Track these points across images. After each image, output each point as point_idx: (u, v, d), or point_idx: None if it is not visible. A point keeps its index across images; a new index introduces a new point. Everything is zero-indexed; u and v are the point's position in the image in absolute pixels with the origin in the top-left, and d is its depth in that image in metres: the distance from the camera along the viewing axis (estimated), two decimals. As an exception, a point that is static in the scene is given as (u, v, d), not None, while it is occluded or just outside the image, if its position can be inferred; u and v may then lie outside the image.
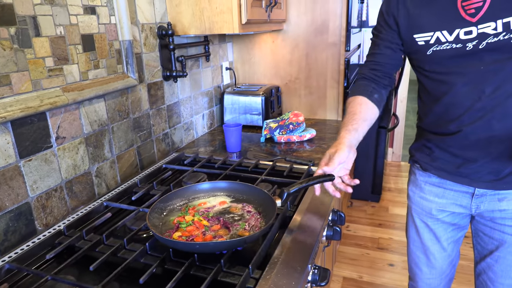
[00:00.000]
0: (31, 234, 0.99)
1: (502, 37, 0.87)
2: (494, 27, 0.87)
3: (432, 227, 1.19)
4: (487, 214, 1.07)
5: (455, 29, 0.92)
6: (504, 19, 0.85)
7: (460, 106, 0.99)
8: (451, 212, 1.14)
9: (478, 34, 0.89)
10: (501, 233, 1.06)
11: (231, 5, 1.36)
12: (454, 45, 0.93)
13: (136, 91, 1.34)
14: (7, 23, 0.88)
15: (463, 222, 1.17)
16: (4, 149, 0.90)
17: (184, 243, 0.83)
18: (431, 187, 1.16)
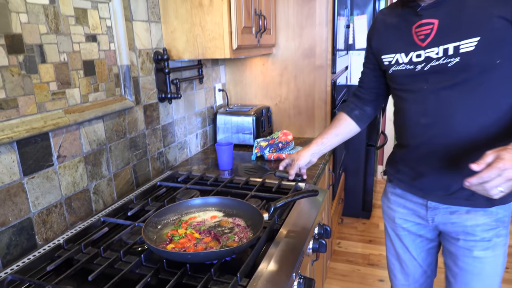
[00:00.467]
0: (32, 248, 1.04)
1: (442, 61, 0.98)
2: (436, 52, 0.99)
3: (401, 236, 1.27)
4: (442, 226, 1.14)
5: (410, 52, 1.05)
6: (444, 45, 0.97)
7: (409, 121, 1.11)
8: (416, 223, 1.22)
9: (425, 57, 1.02)
10: (456, 247, 1.12)
11: (223, 32, 1.46)
12: (408, 66, 1.06)
13: (133, 112, 1.42)
14: (17, 51, 0.96)
15: (430, 235, 1.23)
16: (10, 167, 0.97)
17: (177, 253, 0.89)
18: (395, 197, 1.25)
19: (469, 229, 1.08)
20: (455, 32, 0.97)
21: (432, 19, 1.01)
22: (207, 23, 1.46)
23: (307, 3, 1.96)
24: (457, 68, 0.96)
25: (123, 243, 1.08)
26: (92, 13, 1.19)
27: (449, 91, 0.99)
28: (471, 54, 0.94)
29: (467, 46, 0.94)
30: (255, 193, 1.32)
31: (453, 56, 0.96)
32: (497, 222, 1.06)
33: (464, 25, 0.95)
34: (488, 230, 1.06)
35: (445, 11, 0.99)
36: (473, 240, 1.08)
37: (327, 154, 1.83)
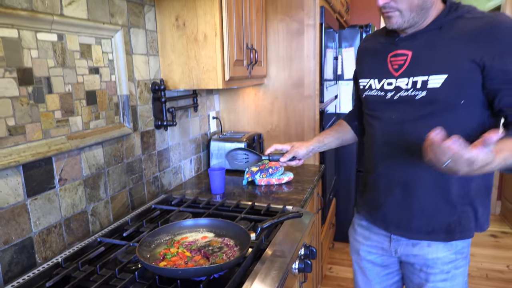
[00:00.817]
0: (31, 266, 1.10)
1: (410, 92, 1.04)
2: (406, 83, 1.05)
3: (365, 269, 1.29)
4: (405, 258, 1.18)
5: (382, 79, 1.11)
6: (414, 78, 1.03)
7: (374, 149, 1.17)
8: (380, 255, 1.25)
9: (395, 86, 1.08)
10: (418, 277, 1.17)
11: (216, 65, 1.58)
12: (379, 92, 1.12)
13: (130, 138, 1.51)
14: (27, 83, 1.06)
15: (393, 267, 1.26)
16: (15, 188, 1.05)
17: (168, 269, 0.96)
18: (361, 229, 1.29)
19: (430, 262, 1.12)
20: (425, 67, 1.02)
21: (407, 50, 1.06)
22: (201, 56, 1.58)
23: (296, 38, 2.10)
24: (423, 101, 1.02)
25: (118, 261, 1.14)
26: (95, 48, 1.30)
27: (413, 124, 1.04)
28: (437, 90, 0.99)
29: (434, 81, 1.00)
30: (245, 215, 1.39)
31: (421, 90, 1.02)
32: (456, 254, 1.11)
33: (434, 61, 1.01)
34: (448, 263, 1.11)
35: (420, 44, 1.04)
36: (433, 272, 1.12)
37: (315, 179, 1.91)
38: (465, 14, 1.01)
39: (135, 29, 1.50)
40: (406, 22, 1.01)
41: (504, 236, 3.23)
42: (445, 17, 1.02)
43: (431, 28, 1.03)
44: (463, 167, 0.79)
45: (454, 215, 1.08)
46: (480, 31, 0.95)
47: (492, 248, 3.02)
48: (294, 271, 1.24)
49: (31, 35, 1.06)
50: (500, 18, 0.96)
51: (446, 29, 1.01)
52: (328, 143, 1.40)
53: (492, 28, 0.94)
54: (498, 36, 0.93)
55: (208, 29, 1.54)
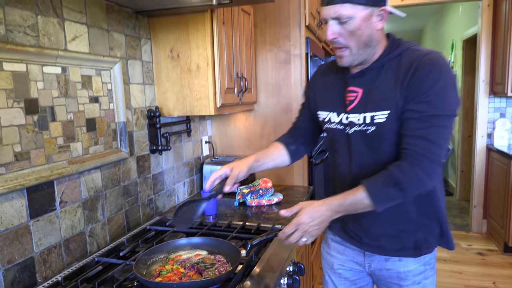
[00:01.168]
0: (32, 285, 1.16)
1: (362, 127, 1.12)
2: (358, 119, 1.13)
3: (336, 283, 1.35)
4: (378, 272, 1.25)
5: (341, 113, 1.18)
6: (364, 113, 1.11)
7: (338, 173, 1.27)
8: (350, 268, 1.31)
9: (349, 121, 1.16)
10: None
11: (208, 93, 1.68)
12: (338, 126, 1.20)
13: (127, 162, 1.59)
14: (33, 112, 1.15)
15: (364, 282, 1.33)
16: (19, 210, 1.12)
17: (163, 284, 1.03)
18: (335, 244, 1.35)
19: (402, 274, 1.21)
20: (373, 103, 1.09)
21: (357, 87, 1.13)
22: (194, 85, 1.69)
23: (284, 66, 2.23)
24: (373, 135, 1.10)
25: (115, 279, 1.20)
26: (96, 79, 1.40)
27: (368, 155, 1.13)
28: (383, 124, 1.07)
29: (380, 117, 1.08)
30: (236, 234, 1.46)
31: (370, 125, 1.10)
32: (425, 266, 1.21)
33: (379, 98, 1.08)
34: (418, 274, 1.20)
35: (368, 82, 1.12)
36: (406, 284, 1.21)
37: (304, 199, 1.99)
38: (402, 52, 1.09)
39: (132, 60, 1.61)
40: (356, 60, 1.09)
41: (490, 253, 3.31)
42: (387, 56, 1.10)
43: (375, 66, 1.11)
44: (314, 232, 1.06)
45: (420, 233, 1.17)
46: (407, 70, 1.04)
47: (479, 266, 3.09)
48: (283, 286, 1.30)
49: (38, 69, 1.16)
50: (427, 58, 1.03)
51: (387, 67, 1.09)
52: (264, 164, 1.34)
53: (416, 69, 1.03)
54: (417, 77, 1.02)
55: (200, 60, 1.66)
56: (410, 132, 1.03)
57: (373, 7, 1.03)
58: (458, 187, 4.87)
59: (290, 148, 1.38)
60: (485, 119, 3.67)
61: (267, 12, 2.23)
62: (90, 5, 1.36)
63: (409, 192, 1.03)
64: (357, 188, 1.06)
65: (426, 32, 7.27)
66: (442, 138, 1.02)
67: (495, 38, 3.52)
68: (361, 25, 1.03)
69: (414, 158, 1.02)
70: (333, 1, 1.02)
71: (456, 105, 1.04)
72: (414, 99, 1.03)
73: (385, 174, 1.04)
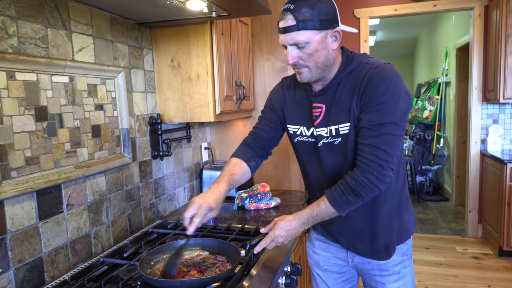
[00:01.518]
0: (41, 284, 1.21)
1: (330, 139, 1.21)
2: (325, 132, 1.21)
3: (323, 278, 1.44)
4: (361, 266, 1.35)
5: (310, 127, 1.25)
6: (330, 127, 1.19)
7: (312, 181, 1.35)
8: (335, 264, 1.41)
9: (317, 134, 1.23)
10: (375, 282, 1.34)
11: (208, 101, 1.75)
12: (310, 139, 1.27)
13: (130, 167, 1.65)
14: (42, 119, 1.21)
15: (349, 274, 1.42)
16: (29, 212, 1.17)
17: (167, 281, 1.08)
18: (319, 242, 1.44)
19: (383, 266, 1.31)
20: (336, 117, 1.18)
21: (321, 103, 1.21)
22: (194, 93, 1.76)
23: (280, 74, 2.30)
24: (341, 146, 1.19)
25: (119, 279, 1.25)
26: (101, 88, 1.47)
27: (336, 163, 1.22)
28: (347, 135, 1.17)
29: (344, 129, 1.17)
30: (235, 236, 1.52)
31: (336, 136, 1.19)
32: (403, 256, 1.31)
33: (339, 112, 1.17)
34: (397, 264, 1.31)
35: (329, 98, 1.20)
36: (387, 274, 1.31)
37: (301, 203, 2.05)
38: (356, 67, 1.17)
39: (135, 69, 1.68)
40: (314, 77, 1.17)
41: (486, 257, 3.36)
42: (343, 72, 1.18)
43: (333, 83, 1.19)
44: (286, 241, 1.22)
45: (390, 237, 1.28)
46: (360, 83, 1.12)
47: (474, 269, 3.14)
48: (281, 286, 1.36)
49: (47, 78, 1.23)
50: (377, 71, 1.11)
51: (344, 82, 1.18)
52: (234, 185, 1.31)
53: (367, 82, 1.11)
54: (369, 88, 1.10)
55: (200, 69, 1.73)
56: (362, 140, 1.13)
57: (327, 30, 1.11)
58: (454, 192, 4.94)
59: (251, 164, 1.37)
60: (479, 126, 3.75)
61: (263, 23, 2.31)
62: (96, 17, 1.44)
63: (365, 196, 1.13)
64: (321, 198, 1.18)
65: (420, 40, 7.40)
66: (390, 145, 1.10)
67: (487, 46, 3.62)
68: (317, 47, 1.11)
69: (365, 165, 1.11)
70: (289, 29, 1.09)
71: (404, 113, 1.12)
72: (366, 109, 1.12)
73: (342, 183, 1.15)
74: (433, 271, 3.13)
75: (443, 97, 5.49)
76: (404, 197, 1.33)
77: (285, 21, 1.09)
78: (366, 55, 1.21)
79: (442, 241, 3.79)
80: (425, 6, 3.65)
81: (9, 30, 1.10)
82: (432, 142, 5.56)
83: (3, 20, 1.08)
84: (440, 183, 5.80)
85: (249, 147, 1.41)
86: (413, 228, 1.37)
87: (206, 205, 1.18)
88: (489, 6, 3.55)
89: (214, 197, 1.21)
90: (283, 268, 1.39)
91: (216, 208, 1.21)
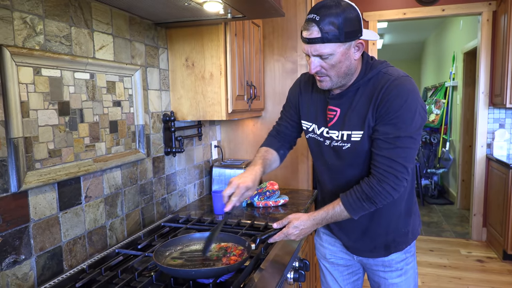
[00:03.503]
0: (59, 272, 1.26)
1: (339, 143, 1.25)
2: (337, 135, 1.25)
3: (330, 270, 1.50)
4: (365, 261, 1.40)
5: (321, 127, 1.30)
6: (342, 131, 1.23)
7: (320, 178, 1.40)
8: (341, 258, 1.46)
9: (329, 136, 1.27)
10: (378, 277, 1.39)
11: (220, 99, 1.80)
12: (319, 138, 1.32)
13: (144, 163, 1.70)
14: (64, 114, 1.27)
15: (355, 267, 1.48)
16: (51, 203, 1.23)
17: (182, 270, 1.13)
18: (327, 237, 1.50)
19: (386, 262, 1.36)
20: (349, 123, 1.21)
21: (336, 107, 1.24)
22: (208, 92, 1.81)
23: (290, 75, 2.35)
24: (349, 151, 1.23)
25: (135, 269, 1.30)
26: (118, 85, 1.52)
27: (342, 167, 1.27)
28: (358, 142, 1.20)
29: (356, 136, 1.20)
30: (245, 231, 1.56)
31: (346, 142, 1.22)
32: (406, 254, 1.36)
33: (354, 119, 1.20)
34: (400, 261, 1.36)
35: (345, 103, 1.22)
36: (390, 271, 1.36)
37: (308, 202, 2.09)
38: (374, 76, 1.19)
39: (151, 68, 1.73)
40: (335, 85, 1.20)
41: (490, 261, 3.38)
42: (361, 79, 1.20)
43: (352, 89, 1.22)
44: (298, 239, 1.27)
45: (390, 235, 1.33)
46: (377, 94, 1.15)
47: (478, 272, 3.16)
48: (289, 280, 1.40)
49: (70, 75, 1.28)
50: (395, 83, 1.13)
51: (362, 90, 1.20)
52: (267, 169, 1.38)
53: (385, 94, 1.13)
54: (386, 101, 1.13)
55: (214, 69, 1.78)
56: (378, 151, 1.17)
57: (351, 41, 1.12)
58: (459, 196, 4.95)
59: (280, 152, 1.46)
60: (485, 130, 3.76)
61: (275, 25, 2.35)
62: (116, 17, 1.49)
63: (379, 203, 1.19)
64: (336, 202, 1.23)
65: (428, 44, 7.41)
66: (405, 157, 1.14)
67: (494, 51, 3.64)
68: (340, 58, 1.13)
69: (382, 175, 1.16)
70: (313, 41, 1.10)
71: (419, 127, 1.15)
72: (382, 121, 1.15)
73: (358, 190, 1.19)
74: (437, 273, 3.16)
75: (450, 101, 5.50)
76: (413, 201, 1.37)
77: (310, 32, 1.10)
78: (386, 63, 1.23)
79: (447, 243, 3.81)
80: (433, 10, 3.68)
81: (37, 28, 1.16)
82: (438, 145, 5.57)
83: (32, 19, 1.14)
84: (445, 187, 5.81)
85: (276, 139, 1.49)
86: (419, 229, 1.42)
87: (243, 184, 1.23)
88: (497, 11, 3.57)
89: (251, 178, 1.26)
90: (292, 263, 1.44)
91: (252, 188, 1.26)
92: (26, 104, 1.13)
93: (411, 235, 1.36)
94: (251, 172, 1.29)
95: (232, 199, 1.22)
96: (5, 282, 1.09)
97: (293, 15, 2.30)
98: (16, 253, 1.12)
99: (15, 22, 1.09)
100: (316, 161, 1.41)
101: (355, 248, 1.39)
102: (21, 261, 1.13)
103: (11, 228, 1.10)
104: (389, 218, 1.31)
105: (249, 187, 1.24)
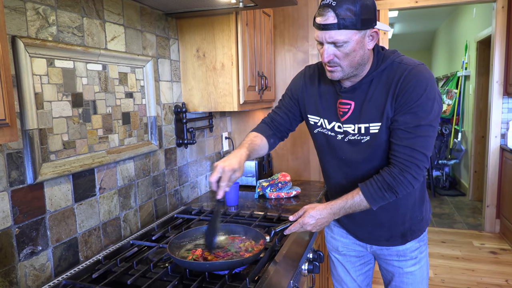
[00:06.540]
0: (75, 263, 1.27)
1: (356, 137, 1.22)
2: (353, 129, 1.22)
3: (342, 261, 1.49)
4: (379, 251, 1.40)
5: (332, 121, 1.27)
6: (358, 124, 1.21)
7: (330, 173, 1.38)
8: (354, 250, 1.46)
9: (343, 130, 1.24)
10: (392, 266, 1.39)
11: (232, 90, 1.78)
12: (330, 132, 1.28)
13: (156, 154, 1.70)
14: (78, 105, 1.26)
15: (367, 258, 1.48)
16: (66, 194, 1.23)
17: (197, 263, 1.13)
18: (338, 229, 1.48)
19: (401, 252, 1.36)
20: (366, 116, 1.18)
21: (350, 100, 1.21)
22: (219, 83, 1.79)
23: (301, 66, 2.31)
24: (368, 144, 1.21)
25: (149, 260, 1.31)
26: (130, 76, 1.51)
27: (360, 161, 1.25)
28: (376, 134, 1.18)
29: (374, 128, 1.18)
30: (259, 223, 1.56)
31: (365, 135, 1.20)
32: (420, 243, 1.36)
33: (371, 111, 1.17)
34: (414, 250, 1.35)
35: (359, 95, 1.19)
36: (404, 260, 1.36)
37: (321, 193, 2.08)
38: (388, 66, 1.17)
39: (162, 59, 1.72)
40: (346, 76, 1.16)
41: (503, 252, 3.34)
42: (375, 70, 1.17)
43: (365, 81, 1.19)
44: (314, 230, 1.23)
45: (406, 224, 1.32)
46: (395, 84, 1.13)
47: (491, 264, 3.12)
48: (304, 272, 1.39)
49: (83, 66, 1.27)
50: (413, 72, 1.11)
51: (376, 81, 1.18)
52: (252, 158, 1.32)
53: (403, 83, 1.12)
54: (405, 91, 1.11)
55: (225, 60, 1.76)
56: (398, 141, 1.15)
57: (366, 30, 1.09)
58: (471, 187, 4.89)
59: (270, 141, 1.40)
60: (499, 120, 3.69)
61: (286, 14, 2.32)
62: (127, 7, 1.48)
63: (400, 193, 1.17)
64: (355, 191, 1.20)
65: (439, 33, 7.28)
66: (425, 146, 1.13)
67: (509, 40, 3.55)
68: (355, 47, 1.09)
69: (403, 165, 1.14)
70: (328, 27, 1.06)
71: (438, 115, 1.14)
72: (401, 111, 1.13)
73: (379, 179, 1.17)
74: (449, 265, 3.13)
75: (462, 91, 5.41)
76: (425, 187, 1.37)
77: (325, 17, 1.05)
78: (397, 53, 1.20)
79: (459, 235, 3.77)
80: (447, -3, 3.59)
81: (49, 19, 1.15)
82: (450, 136, 5.50)
83: (44, 9, 1.13)
84: (456, 178, 5.75)
85: (269, 126, 1.42)
86: (430, 214, 1.42)
87: (229, 167, 1.15)
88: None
89: (236, 159, 1.19)
90: (307, 255, 1.43)
91: (239, 170, 1.18)
92: (40, 95, 1.13)
93: (424, 222, 1.37)
94: (235, 155, 1.21)
95: (221, 185, 1.16)
96: (23, 273, 1.09)
97: (304, 4, 2.26)
98: (33, 244, 1.12)
99: (28, 13, 1.08)
100: (324, 156, 1.37)
101: (370, 238, 1.38)
102: (38, 252, 1.14)
103: (28, 219, 1.11)
104: (405, 207, 1.30)
105: (235, 169, 1.17)
